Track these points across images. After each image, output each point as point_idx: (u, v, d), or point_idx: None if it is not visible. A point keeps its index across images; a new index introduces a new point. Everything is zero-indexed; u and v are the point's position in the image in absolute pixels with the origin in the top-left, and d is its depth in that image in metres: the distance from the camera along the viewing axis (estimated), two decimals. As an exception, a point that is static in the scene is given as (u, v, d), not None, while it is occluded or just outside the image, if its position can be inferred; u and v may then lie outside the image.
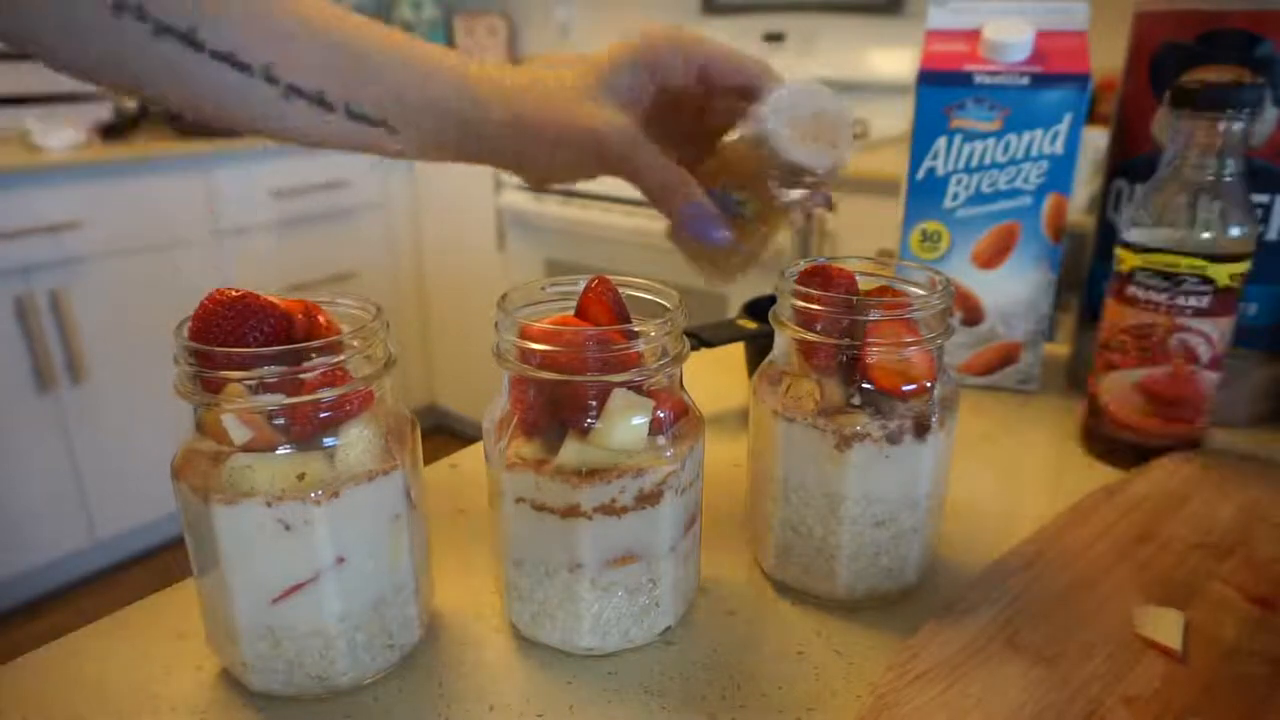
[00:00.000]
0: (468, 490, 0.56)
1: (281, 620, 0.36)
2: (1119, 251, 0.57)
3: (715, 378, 0.71)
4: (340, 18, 0.43)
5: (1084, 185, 1.40)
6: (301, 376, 0.34)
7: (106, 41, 0.39)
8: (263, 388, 0.34)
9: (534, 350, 0.37)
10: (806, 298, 0.42)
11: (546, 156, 0.46)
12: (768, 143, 0.45)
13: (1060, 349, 0.79)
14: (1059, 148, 0.64)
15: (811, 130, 0.45)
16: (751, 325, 0.66)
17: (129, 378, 1.90)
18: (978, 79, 0.64)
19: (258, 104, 0.42)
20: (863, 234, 1.69)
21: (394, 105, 0.44)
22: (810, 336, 0.42)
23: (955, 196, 0.67)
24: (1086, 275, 0.70)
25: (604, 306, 0.39)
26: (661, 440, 0.38)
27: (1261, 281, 0.60)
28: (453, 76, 0.45)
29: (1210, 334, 0.55)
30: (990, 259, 0.68)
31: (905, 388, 0.42)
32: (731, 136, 0.49)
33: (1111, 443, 0.59)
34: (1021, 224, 0.67)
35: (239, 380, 0.34)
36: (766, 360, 0.46)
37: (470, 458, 0.60)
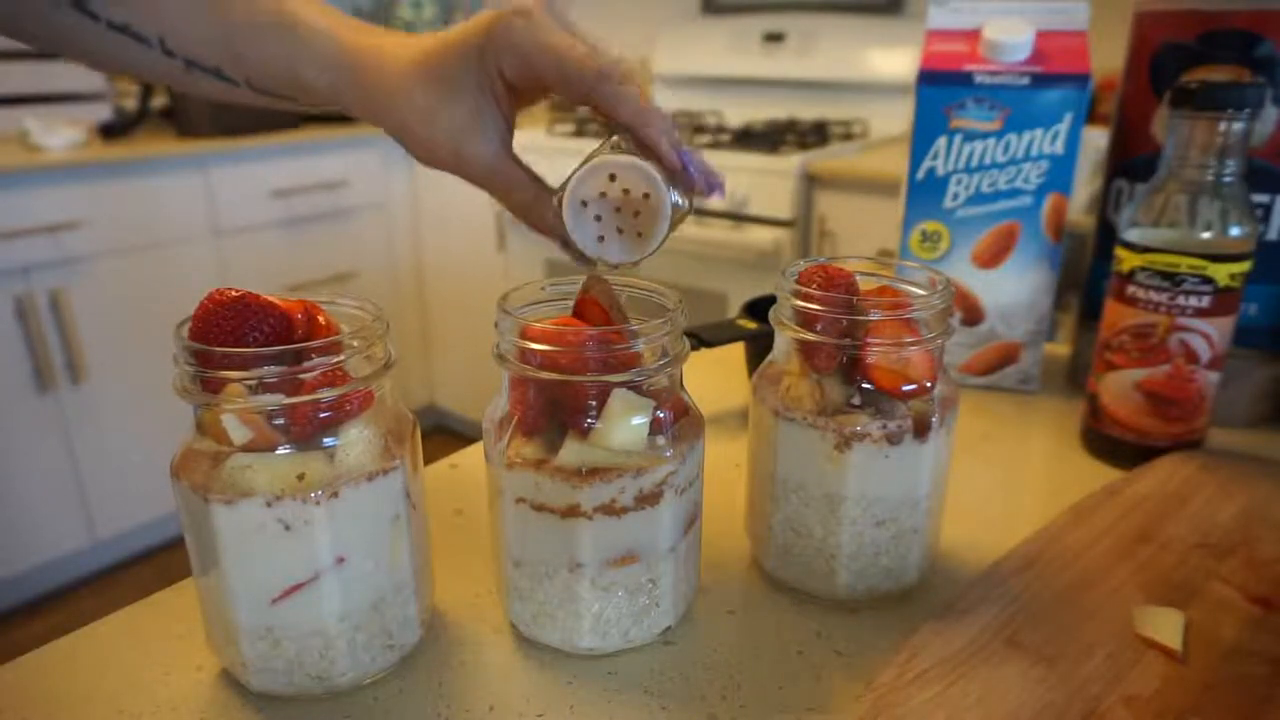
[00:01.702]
0: (468, 490, 0.56)
1: (281, 620, 0.36)
2: (1119, 251, 0.57)
3: (715, 378, 0.71)
4: None
5: (1084, 185, 1.40)
6: (301, 376, 0.34)
7: (11, 6, 0.40)
8: (263, 388, 0.34)
9: (534, 350, 0.37)
10: (806, 298, 0.42)
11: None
12: (573, 238, 0.41)
13: (1060, 349, 0.79)
14: (1059, 148, 0.64)
15: (623, 216, 0.39)
16: (751, 325, 0.66)
17: (129, 378, 1.90)
18: (978, 79, 0.64)
19: (165, 73, 0.43)
20: (863, 234, 1.69)
21: (288, 82, 0.45)
22: (810, 336, 0.42)
23: (955, 196, 0.67)
24: (1086, 275, 0.70)
25: (598, 308, 0.39)
26: (661, 440, 0.38)
27: (1261, 281, 0.60)
28: (334, 60, 0.44)
29: (1210, 334, 0.55)
30: (990, 259, 0.68)
31: (905, 388, 0.42)
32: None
33: (1111, 443, 0.59)
34: (1021, 224, 0.67)
35: (239, 380, 0.34)
36: (766, 360, 0.46)
37: (470, 458, 0.60)
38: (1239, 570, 0.46)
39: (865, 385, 0.42)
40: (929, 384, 0.42)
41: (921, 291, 0.44)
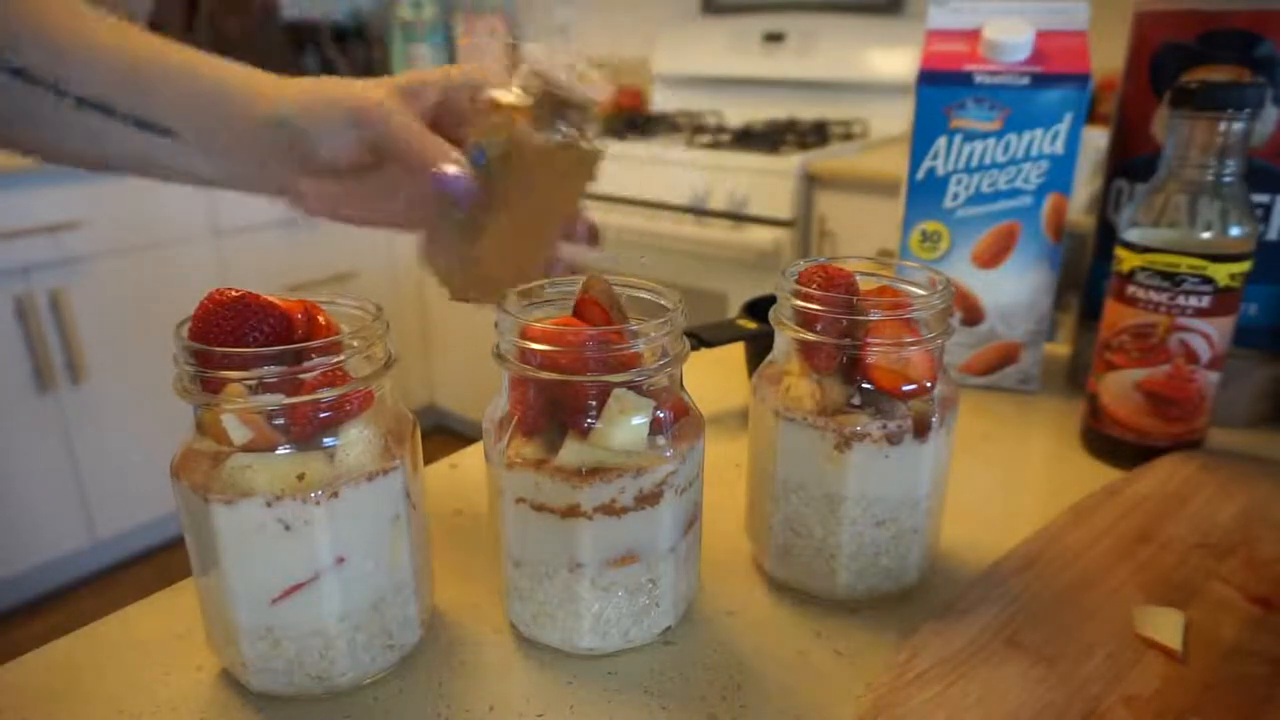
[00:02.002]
0: (468, 490, 0.56)
1: (281, 620, 0.36)
2: (1119, 251, 0.57)
3: (715, 378, 0.71)
4: (121, 31, 0.46)
5: (1084, 185, 1.40)
6: (301, 376, 0.34)
7: None
8: (263, 388, 0.34)
9: (534, 350, 0.37)
10: (806, 298, 0.42)
11: (317, 138, 0.48)
12: (537, 71, 0.47)
13: (1060, 349, 0.79)
14: (1059, 147, 0.64)
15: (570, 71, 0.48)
16: (751, 325, 0.66)
17: (129, 378, 1.90)
18: (978, 79, 0.64)
19: (49, 118, 0.45)
20: (863, 234, 1.69)
21: (177, 111, 0.46)
22: (810, 336, 0.42)
23: (955, 196, 0.67)
24: (1086, 275, 0.70)
25: (598, 308, 0.39)
26: (661, 440, 0.38)
27: (1261, 281, 0.60)
28: (229, 74, 0.47)
29: (1210, 334, 0.55)
30: (990, 259, 0.68)
31: (905, 388, 0.42)
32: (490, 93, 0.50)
33: (1111, 443, 0.59)
34: (1021, 224, 0.67)
35: (239, 380, 0.34)
36: (766, 360, 0.46)
37: (470, 458, 0.60)
38: (1239, 570, 0.46)
39: (865, 385, 0.42)
40: (929, 384, 0.42)
41: (921, 291, 0.44)
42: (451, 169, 0.46)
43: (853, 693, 0.39)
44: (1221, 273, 0.53)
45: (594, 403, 0.37)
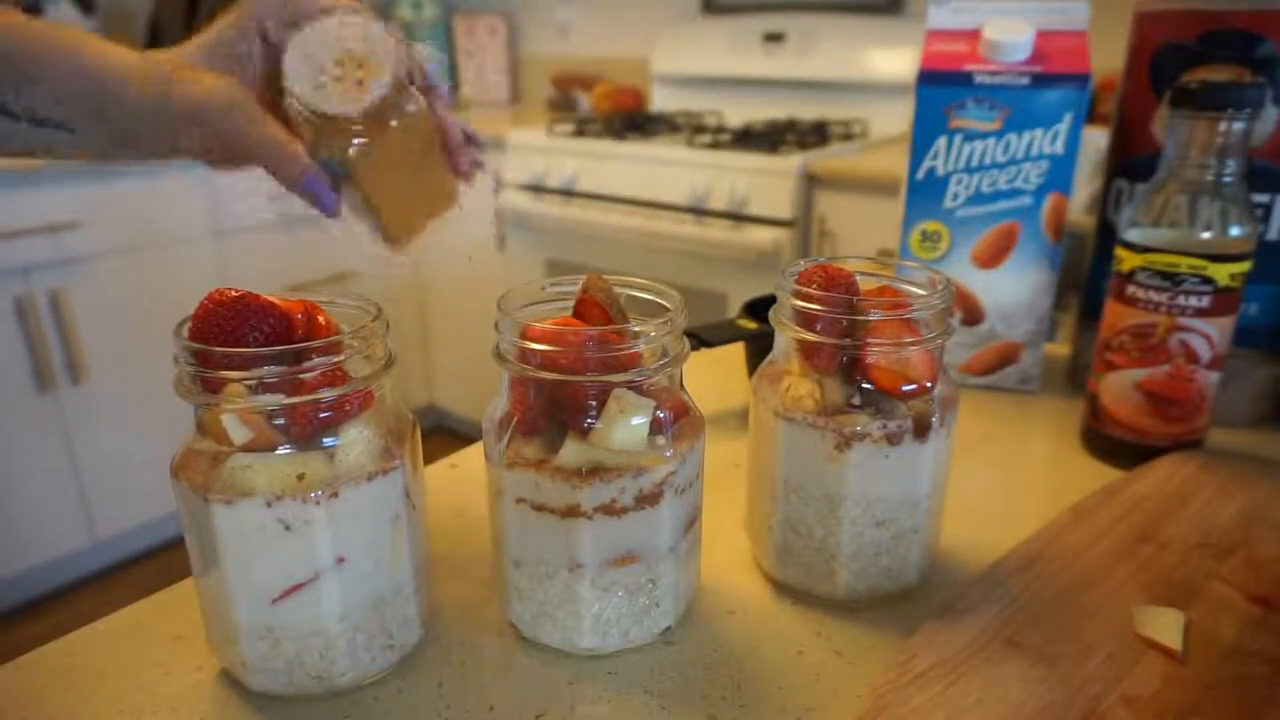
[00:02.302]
0: (468, 490, 0.56)
1: (281, 620, 0.36)
2: (1119, 251, 0.57)
3: (715, 378, 0.71)
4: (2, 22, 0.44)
5: (1084, 185, 1.40)
6: (301, 376, 0.34)
7: None
8: (263, 388, 0.34)
9: (534, 350, 0.37)
10: (806, 298, 0.42)
11: (167, 131, 0.46)
12: (292, 91, 0.43)
13: (1060, 349, 0.79)
14: (1059, 147, 0.64)
15: (346, 70, 0.43)
16: (751, 325, 0.66)
17: (129, 378, 1.90)
18: (978, 79, 0.64)
19: None
20: (863, 234, 1.69)
21: (59, 103, 0.45)
22: (810, 336, 0.42)
23: (955, 196, 0.67)
24: (1086, 275, 0.70)
25: (598, 308, 0.39)
26: (661, 440, 0.38)
27: (1261, 281, 0.60)
28: (94, 59, 0.45)
29: (1210, 334, 0.55)
30: (990, 259, 0.68)
31: (905, 388, 0.42)
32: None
33: (1111, 443, 0.59)
34: (1021, 224, 0.67)
35: (239, 380, 0.34)
36: (766, 360, 0.46)
37: (470, 458, 0.60)
38: (1239, 570, 0.46)
39: (865, 385, 0.42)
40: (929, 384, 0.42)
41: (921, 291, 0.44)
42: (311, 186, 0.45)
43: (853, 693, 0.39)
44: (1221, 273, 0.53)
45: (594, 403, 0.37)
